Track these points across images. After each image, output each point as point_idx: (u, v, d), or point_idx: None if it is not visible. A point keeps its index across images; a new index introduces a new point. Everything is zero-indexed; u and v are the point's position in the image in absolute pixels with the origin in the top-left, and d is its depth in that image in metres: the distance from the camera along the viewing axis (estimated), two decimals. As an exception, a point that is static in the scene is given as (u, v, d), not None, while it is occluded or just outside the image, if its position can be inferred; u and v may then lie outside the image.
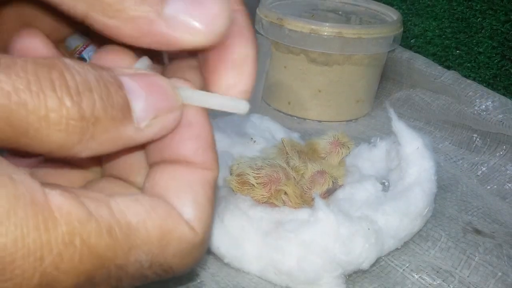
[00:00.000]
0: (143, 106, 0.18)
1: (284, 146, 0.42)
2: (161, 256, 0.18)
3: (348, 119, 0.60)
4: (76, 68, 0.16)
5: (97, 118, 0.16)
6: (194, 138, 0.19)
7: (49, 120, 0.15)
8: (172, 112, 0.18)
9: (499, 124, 0.50)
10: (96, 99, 0.16)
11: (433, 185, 0.39)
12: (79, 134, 0.16)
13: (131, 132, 0.17)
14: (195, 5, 0.18)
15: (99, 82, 0.16)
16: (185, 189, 0.19)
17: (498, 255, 0.38)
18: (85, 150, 0.17)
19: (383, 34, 0.54)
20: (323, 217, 0.33)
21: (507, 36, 0.57)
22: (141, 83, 0.18)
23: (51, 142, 0.16)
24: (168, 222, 0.18)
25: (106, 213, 0.16)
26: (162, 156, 0.20)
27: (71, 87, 0.16)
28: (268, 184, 0.37)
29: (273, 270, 0.34)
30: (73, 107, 0.16)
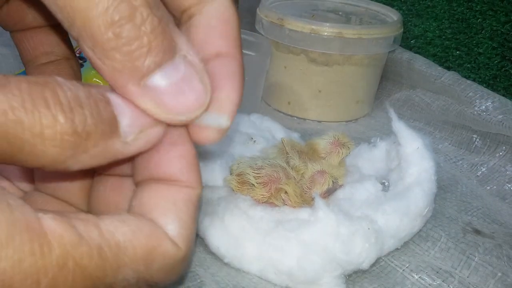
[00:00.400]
0: (129, 121, 0.19)
1: (284, 146, 0.42)
2: (147, 272, 0.19)
3: (348, 119, 0.60)
4: (67, 85, 0.17)
5: (88, 133, 0.17)
6: (179, 157, 0.20)
7: (44, 136, 0.16)
8: (156, 127, 0.19)
9: (499, 125, 0.50)
10: (87, 114, 0.17)
11: (433, 185, 0.39)
12: (72, 148, 0.17)
13: (119, 145, 0.18)
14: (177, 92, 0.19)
15: (89, 99, 0.17)
16: (170, 208, 0.20)
17: (498, 255, 0.38)
18: (77, 164, 0.18)
19: (383, 34, 0.54)
20: (323, 216, 0.33)
21: (507, 37, 0.57)
22: (126, 100, 0.19)
23: (45, 157, 0.17)
24: (153, 240, 0.19)
25: (96, 234, 0.17)
26: (149, 174, 0.21)
27: (64, 104, 0.17)
28: (268, 184, 0.37)
29: (273, 270, 0.34)
30: (67, 123, 0.16)
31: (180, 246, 0.20)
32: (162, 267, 0.19)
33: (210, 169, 0.41)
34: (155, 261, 0.19)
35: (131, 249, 0.18)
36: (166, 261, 0.19)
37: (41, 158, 0.17)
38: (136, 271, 0.18)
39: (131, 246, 0.18)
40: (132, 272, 0.18)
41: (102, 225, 0.17)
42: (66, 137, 0.17)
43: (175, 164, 0.20)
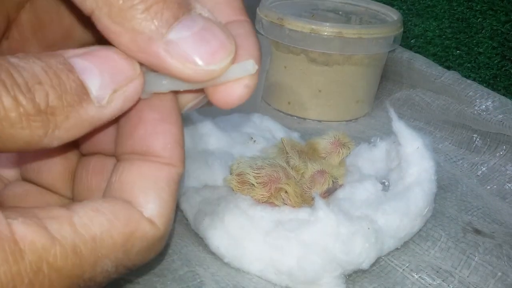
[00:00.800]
0: (99, 83, 0.17)
1: (284, 146, 0.42)
2: (127, 257, 0.18)
3: (348, 119, 0.60)
4: (21, 64, 0.16)
5: (53, 108, 0.16)
6: (165, 133, 0.20)
7: (10, 120, 0.16)
8: (132, 82, 0.18)
9: (499, 124, 0.50)
10: (48, 89, 0.16)
11: (433, 185, 0.39)
12: (41, 127, 0.16)
13: (93, 112, 0.17)
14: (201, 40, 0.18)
15: (47, 73, 0.17)
16: (150, 187, 0.19)
17: (498, 255, 0.38)
18: (54, 141, 0.17)
19: (383, 34, 0.54)
20: (323, 216, 0.33)
21: (507, 37, 0.57)
22: (93, 60, 0.18)
23: (18, 140, 0.16)
24: (131, 225, 0.18)
25: (69, 231, 0.17)
26: (131, 148, 0.20)
27: (21, 84, 0.16)
28: (268, 183, 0.37)
29: (273, 270, 0.34)
30: (28, 103, 0.16)
31: (158, 226, 0.19)
32: (140, 249, 0.19)
33: (210, 169, 0.41)
34: (134, 245, 0.18)
35: (108, 239, 0.17)
36: (144, 243, 0.19)
37: (13, 142, 0.16)
38: (115, 260, 0.18)
39: (109, 236, 0.17)
40: (111, 262, 0.18)
41: (76, 219, 0.17)
42: (31, 118, 0.16)
43: (160, 139, 0.20)
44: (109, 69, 0.18)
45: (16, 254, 0.15)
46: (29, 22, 0.25)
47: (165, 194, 0.19)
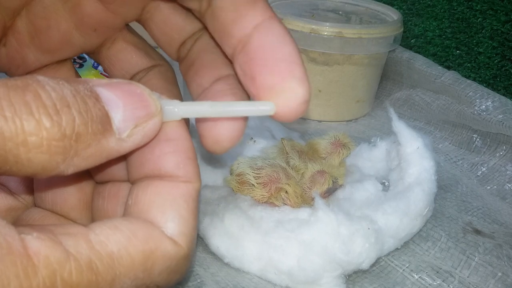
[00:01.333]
0: (122, 116, 0.17)
1: (284, 146, 0.42)
2: (147, 277, 0.18)
3: (348, 119, 0.60)
4: (50, 84, 0.16)
5: (78, 134, 0.16)
6: (174, 152, 0.19)
7: (29, 144, 0.15)
8: (152, 119, 0.18)
9: (499, 124, 0.50)
10: (75, 114, 0.16)
11: (433, 185, 0.39)
12: (62, 153, 0.16)
13: (113, 143, 0.17)
14: None
15: (75, 97, 0.16)
16: (168, 205, 0.19)
17: (498, 255, 0.38)
18: (70, 168, 0.16)
19: (383, 34, 0.54)
20: (323, 216, 0.33)
21: (507, 37, 0.57)
22: (117, 93, 0.18)
23: (34, 165, 0.16)
24: (150, 243, 0.18)
25: (84, 248, 0.16)
26: (144, 172, 0.20)
27: (49, 106, 0.15)
28: (268, 184, 0.37)
29: (273, 270, 0.34)
30: (53, 127, 0.15)
31: (181, 245, 0.18)
32: (163, 269, 0.18)
33: (210, 169, 0.41)
34: (155, 264, 0.18)
35: (126, 257, 0.17)
36: (167, 263, 0.18)
37: (29, 167, 0.16)
38: (134, 279, 0.17)
39: (126, 254, 0.17)
40: (130, 281, 0.17)
41: (92, 236, 0.16)
42: (54, 143, 0.15)
43: (170, 159, 0.19)
44: (132, 104, 0.18)
45: (28, 269, 0.15)
46: (26, 28, 0.25)
47: (184, 211, 0.19)
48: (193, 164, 0.20)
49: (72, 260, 0.15)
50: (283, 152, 0.42)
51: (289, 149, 0.41)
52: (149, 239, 0.18)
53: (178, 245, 0.18)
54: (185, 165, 0.19)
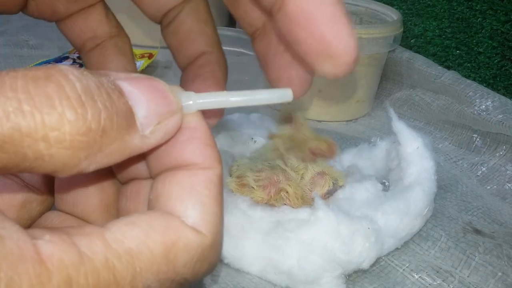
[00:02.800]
0: (146, 112, 0.17)
1: (278, 146, 0.41)
2: (172, 271, 0.17)
3: (348, 119, 0.60)
4: (75, 75, 0.15)
5: (104, 129, 0.15)
6: (190, 139, 0.19)
7: (50, 139, 0.14)
8: (173, 116, 0.18)
9: (499, 124, 0.50)
10: (101, 108, 0.15)
11: (433, 185, 0.39)
12: (85, 149, 0.15)
13: (137, 140, 0.16)
14: None
15: (100, 89, 0.15)
16: (188, 193, 0.18)
17: (498, 255, 0.38)
18: (92, 165, 0.16)
19: (383, 34, 0.54)
20: (323, 216, 0.33)
21: (507, 36, 0.57)
22: (140, 88, 0.17)
23: (55, 162, 0.15)
24: (170, 234, 0.17)
25: (100, 247, 0.15)
26: (163, 165, 0.19)
27: (73, 97, 0.14)
28: (268, 187, 0.37)
29: (273, 270, 0.34)
30: (78, 120, 0.14)
31: (204, 233, 0.17)
32: (188, 260, 0.17)
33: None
34: (178, 256, 0.17)
35: (146, 252, 0.16)
36: (192, 253, 0.17)
37: (49, 164, 0.15)
38: (158, 274, 0.16)
39: (146, 248, 0.16)
40: (153, 276, 0.16)
41: (107, 234, 0.16)
42: (78, 138, 0.14)
43: (187, 147, 0.18)
44: (155, 100, 0.17)
45: (41, 276, 0.14)
46: None
47: (205, 198, 0.18)
48: (212, 150, 0.19)
49: (87, 262, 0.15)
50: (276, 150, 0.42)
51: (283, 149, 0.41)
52: (168, 230, 0.17)
53: (201, 233, 0.17)
54: (203, 151, 0.19)
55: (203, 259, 0.18)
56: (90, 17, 0.30)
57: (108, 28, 0.31)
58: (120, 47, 0.31)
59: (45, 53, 0.69)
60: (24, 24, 0.75)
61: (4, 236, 0.14)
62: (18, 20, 0.76)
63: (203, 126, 0.19)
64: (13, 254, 0.14)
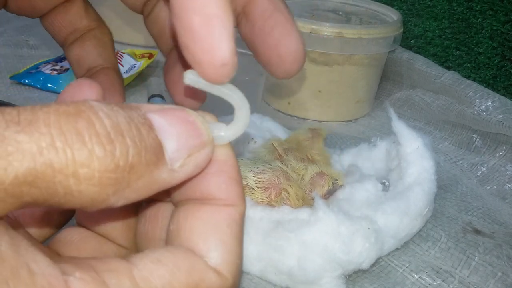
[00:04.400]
0: (176, 146, 0.16)
1: (276, 148, 0.41)
2: None
3: (348, 119, 0.60)
4: (104, 111, 0.15)
5: (132, 165, 0.15)
6: (217, 172, 0.18)
7: (80, 176, 0.14)
8: (205, 149, 0.17)
9: (499, 124, 0.50)
10: (130, 144, 0.15)
11: (433, 185, 0.39)
12: (114, 185, 0.15)
13: (166, 174, 0.16)
14: None
15: (130, 125, 0.15)
16: (211, 231, 0.18)
17: (498, 255, 0.38)
18: (120, 200, 0.15)
19: (383, 34, 0.54)
20: (323, 216, 0.33)
21: (507, 37, 0.57)
22: (171, 120, 0.16)
23: (83, 198, 0.15)
24: (195, 276, 0.17)
25: (129, 286, 0.15)
26: (186, 194, 0.19)
27: (102, 134, 0.14)
28: (269, 189, 0.37)
29: (273, 270, 0.34)
30: (106, 157, 0.14)
31: (225, 275, 0.17)
32: None
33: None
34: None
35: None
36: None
37: (78, 200, 0.15)
38: None
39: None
40: None
41: (135, 272, 0.16)
42: (106, 174, 0.14)
43: (213, 180, 0.18)
44: (186, 132, 0.17)
45: None
46: None
47: (227, 237, 0.18)
48: (237, 185, 0.19)
49: None
50: (273, 152, 0.42)
51: (281, 151, 0.41)
52: (193, 271, 0.17)
53: (223, 275, 0.17)
54: (228, 186, 0.18)
55: None
56: (70, 11, 0.31)
57: (87, 21, 0.31)
58: (99, 39, 0.31)
59: (45, 53, 0.69)
60: (24, 24, 0.75)
61: (35, 272, 0.14)
62: (18, 20, 0.76)
63: (232, 159, 0.19)
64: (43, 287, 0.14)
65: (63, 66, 0.62)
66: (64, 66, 0.62)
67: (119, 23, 0.68)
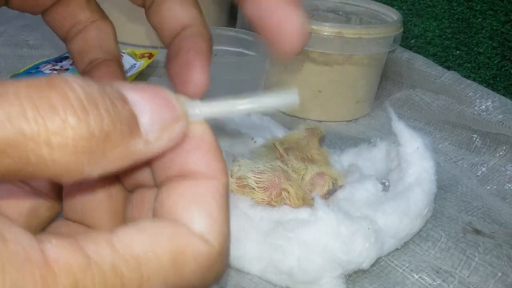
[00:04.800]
0: (150, 119, 0.17)
1: (277, 148, 0.41)
2: (179, 279, 0.17)
3: (348, 119, 0.60)
4: (78, 82, 0.15)
5: (106, 134, 0.15)
6: (196, 148, 0.19)
7: (53, 144, 0.14)
8: (179, 123, 0.18)
9: (499, 124, 0.50)
10: (104, 114, 0.15)
11: (433, 185, 0.39)
12: (88, 154, 0.15)
13: (141, 146, 0.17)
14: None
15: (104, 97, 0.16)
16: (194, 202, 0.18)
17: (498, 255, 0.38)
18: (95, 170, 0.16)
19: (383, 34, 0.54)
20: (323, 216, 0.33)
21: (507, 37, 0.57)
22: (144, 95, 0.17)
23: (57, 167, 0.15)
24: (178, 242, 0.17)
25: (107, 252, 0.15)
26: (168, 174, 0.19)
27: (75, 104, 0.15)
28: (269, 189, 0.37)
29: (273, 270, 0.34)
30: (80, 125, 0.15)
31: (211, 242, 0.17)
32: (196, 269, 0.17)
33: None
34: (186, 264, 0.17)
35: (154, 258, 0.16)
36: (200, 262, 0.17)
37: (52, 169, 0.15)
38: (164, 281, 0.16)
39: (153, 255, 0.16)
40: (160, 284, 0.16)
41: (115, 240, 0.16)
42: (80, 142, 0.15)
43: (192, 156, 0.18)
44: (159, 106, 0.17)
45: (47, 279, 0.14)
46: None
47: (212, 208, 0.18)
48: (217, 159, 0.19)
49: (94, 266, 0.15)
50: (274, 151, 0.42)
51: (283, 150, 0.41)
52: (176, 237, 0.17)
53: (209, 242, 0.17)
54: (208, 160, 0.19)
55: (211, 267, 0.18)
56: (71, 4, 0.31)
57: (89, 13, 0.31)
58: (102, 30, 0.31)
59: (45, 53, 0.69)
60: (24, 24, 0.75)
61: (8, 239, 0.14)
62: (18, 20, 0.76)
63: (209, 136, 0.19)
64: (18, 256, 0.14)
65: (63, 66, 0.62)
66: (64, 66, 0.62)
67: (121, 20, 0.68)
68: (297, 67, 0.57)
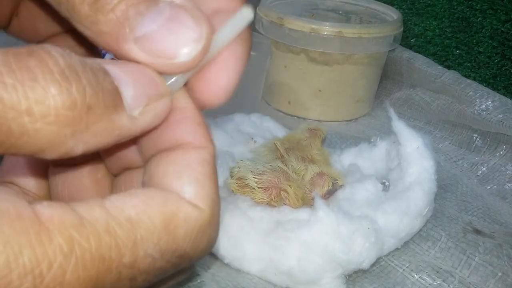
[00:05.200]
0: (133, 93, 0.17)
1: (278, 148, 0.41)
2: (172, 242, 0.17)
3: (348, 118, 0.60)
4: (58, 51, 0.15)
5: (89, 105, 0.15)
6: (181, 119, 0.19)
7: (34, 113, 0.14)
8: (163, 99, 0.18)
9: (499, 124, 0.50)
10: (86, 84, 0.15)
11: (433, 184, 0.39)
12: (71, 125, 0.14)
13: (125, 120, 0.16)
14: (167, 32, 0.17)
15: (85, 67, 0.15)
16: (182, 171, 0.18)
17: (498, 255, 0.38)
18: (79, 145, 0.15)
19: (383, 33, 0.54)
20: (323, 216, 0.33)
21: (507, 36, 0.57)
22: (126, 70, 0.17)
23: (40, 138, 0.14)
24: (169, 205, 0.17)
25: (100, 212, 0.15)
26: (155, 148, 0.19)
27: (56, 72, 0.14)
28: (269, 189, 0.37)
29: (273, 270, 0.34)
30: (62, 94, 0.14)
31: (202, 207, 0.17)
32: (188, 233, 0.17)
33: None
34: (178, 227, 0.17)
35: (146, 220, 0.16)
36: (191, 226, 0.17)
37: (35, 141, 0.14)
38: (158, 244, 0.16)
39: (146, 217, 0.16)
40: (153, 246, 0.16)
41: (107, 203, 0.15)
42: (63, 112, 0.14)
43: (178, 127, 0.18)
44: (142, 82, 0.17)
45: (42, 236, 0.13)
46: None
47: (200, 175, 0.18)
48: (202, 128, 0.19)
49: (88, 225, 0.14)
50: (275, 151, 0.42)
51: (283, 151, 0.41)
52: (167, 202, 0.17)
53: (199, 207, 0.17)
54: (193, 129, 0.18)
55: (202, 233, 0.18)
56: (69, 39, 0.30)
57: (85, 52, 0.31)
58: None
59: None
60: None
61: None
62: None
63: (192, 106, 0.19)
64: (9, 214, 0.13)
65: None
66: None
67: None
68: (297, 67, 0.57)
